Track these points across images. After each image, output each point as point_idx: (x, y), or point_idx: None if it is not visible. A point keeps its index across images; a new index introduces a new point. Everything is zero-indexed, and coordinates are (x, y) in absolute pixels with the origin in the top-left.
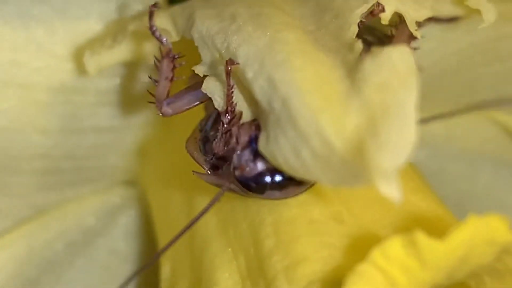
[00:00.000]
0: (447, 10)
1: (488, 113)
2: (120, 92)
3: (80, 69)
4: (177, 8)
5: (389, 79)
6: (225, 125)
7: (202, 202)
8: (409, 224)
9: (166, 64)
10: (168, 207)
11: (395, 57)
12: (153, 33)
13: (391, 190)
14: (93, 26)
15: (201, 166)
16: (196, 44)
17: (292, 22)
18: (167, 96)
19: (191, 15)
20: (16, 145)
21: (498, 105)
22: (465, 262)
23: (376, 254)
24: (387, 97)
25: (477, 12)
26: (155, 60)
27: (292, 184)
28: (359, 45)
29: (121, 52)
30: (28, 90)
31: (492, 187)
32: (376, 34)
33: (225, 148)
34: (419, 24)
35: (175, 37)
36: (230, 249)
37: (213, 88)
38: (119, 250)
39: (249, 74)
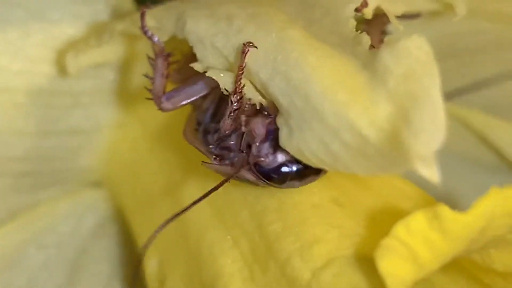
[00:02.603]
0: (420, 5)
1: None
2: (91, 94)
3: (58, 71)
4: (160, 9)
5: (412, 69)
6: (234, 104)
7: (188, 191)
8: (399, 204)
9: (160, 63)
10: (147, 202)
11: (413, 47)
12: (145, 33)
13: (431, 173)
14: (68, 29)
15: (206, 155)
16: (191, 45)
17: (289, 20)
18: (164, 91)
19: (180, 15)
20: None
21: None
22: (483, 234)
23: (400, 229)
24: (414, 86)
25: (448, 7)
26: (149, 59)
27: (310, 173)
28: (366, 37)
29: (107, 51)
30: (8, 94)
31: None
32: None
33: (232, 128)
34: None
35: (163, 37)
36: (229, 236)
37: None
38: (89, 250)
39: (263, 76)
